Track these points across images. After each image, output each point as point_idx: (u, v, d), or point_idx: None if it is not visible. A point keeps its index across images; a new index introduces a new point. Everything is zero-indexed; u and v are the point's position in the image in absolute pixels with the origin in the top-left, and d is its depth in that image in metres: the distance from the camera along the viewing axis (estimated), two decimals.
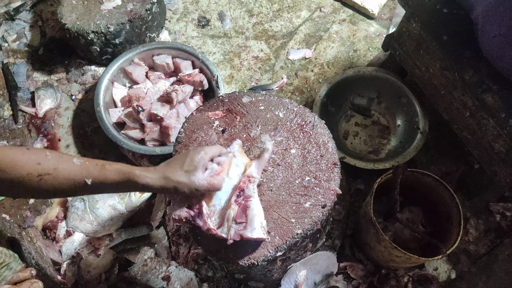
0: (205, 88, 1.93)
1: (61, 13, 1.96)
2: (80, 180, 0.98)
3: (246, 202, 1.12)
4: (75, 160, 1.00)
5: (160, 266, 1.59)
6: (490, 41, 1.33)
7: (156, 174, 1.04)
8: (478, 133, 1.50)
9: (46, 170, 0.95)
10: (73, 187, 0.99)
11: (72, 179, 0.98)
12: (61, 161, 0.98)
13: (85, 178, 0.98)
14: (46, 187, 0.96)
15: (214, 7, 2.33)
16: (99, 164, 1.01)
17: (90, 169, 1.00)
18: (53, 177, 0.96)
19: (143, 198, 1.72)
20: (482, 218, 1.74)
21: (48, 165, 0.96)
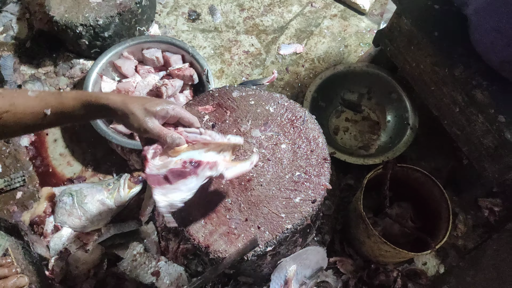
0: (195, 82, 1.92)
1: (49, 5, 1.93)
2: (39, 111, 0.97)
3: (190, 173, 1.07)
4: (30, 92, 0.97)
5: (149, 261, 1.58)
6: (483, 36, 1.34)
7: (118, 97, 1.02)
8: (467, 128, 1.51)
9: (3, 108, 0.93)
10: (34, 120, 0.97)
11: (30, 112, 0.96)
12: (16, 96, 0.95)
13: (43, 109, 0.97)
14: (7, 125, 0.95)
15: (204, 1, 2.31)
16: (55, 93, 0.99)
17: (47, 98, 0.98)
18: (12, 113, 0.94)
19: (132, 193, 1.70)
20: (471, 213, 1.76)
21: (4, 103, 0.93)
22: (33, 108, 0.96)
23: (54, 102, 0.98)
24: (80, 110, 1.01)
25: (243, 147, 1.30)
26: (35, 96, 0.97)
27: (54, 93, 0.99)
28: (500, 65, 1.34)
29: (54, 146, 1.91)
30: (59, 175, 1.84)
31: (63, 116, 1.00)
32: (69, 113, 1.00)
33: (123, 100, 1.02)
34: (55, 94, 0.99)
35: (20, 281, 1.13)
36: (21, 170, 1.83)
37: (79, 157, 1.89)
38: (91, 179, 1.83)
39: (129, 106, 1.01)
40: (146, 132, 1.04)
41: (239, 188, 1.24)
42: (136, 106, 1.02)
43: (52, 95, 0.99)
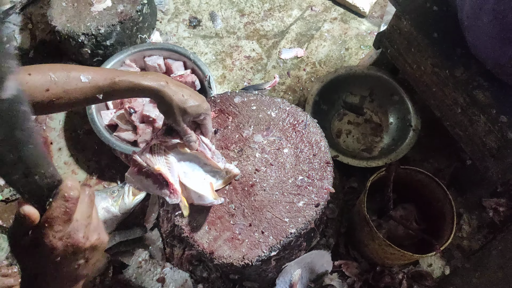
0: (197, 88, 1.93)
1: (51, 15, 1.95)
2: (91, 96, 1.00)
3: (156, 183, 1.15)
4: (82, 77, 0.98)
5: (154, 268, 1.59)
6: (475, 39, 1.34)
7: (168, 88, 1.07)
8: (469, 129, 1.51)
9: (56, 95, 0.94)
10: (85, 102, 1.01)
11: (83, 97, 0.99)
12: (68, 82, 0.96)
13: (96, 94, 1.00)
14: (57, 107, 0.97)
15: (205, 7, 2.32)
16: (107, 78, 1.01)
17: (100, 84, 1.00)
18: (65, 99, 0.96)
19: (137, 200, 1.71)
20: (475, 213, 1.76)
21: (57, 90, 0.94)
22: (86, 94, 0.99)
23: (107, 89, 1.01)
24: (129, 94, 1.05)
25: (245, 152, 1.30)
26: (88, 82, 0.98)
27: (106, 78, 1.01)
28: (495, 68, 1.34)
29: (59, 155, 1.92)
30: None
31: (112, 97, 1.05)
32: (117, 95, 1.05)
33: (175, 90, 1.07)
34: (107, 80, 1.01)
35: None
36: None
37: (84, 165, 1.90)
38: (96, 187, 1.84)
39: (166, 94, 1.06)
40: (177, 125, 1.12)
41: (242, 194, 1.24)
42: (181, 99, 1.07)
43: (105, 81, 1.00)
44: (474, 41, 1.35)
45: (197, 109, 1.11)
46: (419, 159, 1.86)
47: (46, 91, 0.92)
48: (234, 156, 1.30)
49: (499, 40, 1.24)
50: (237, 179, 1.26)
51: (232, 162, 1.29)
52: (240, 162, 1.29)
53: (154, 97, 1.07)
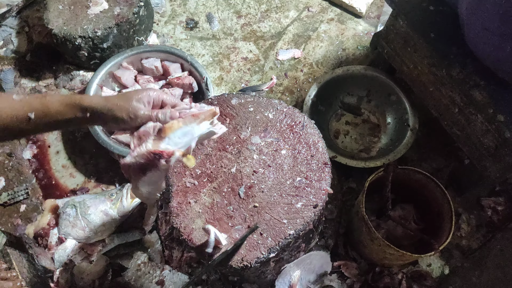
0: (194, 90, 1.93)
1: (48, 18, 1.95)
2: (23, 115, 0.96)
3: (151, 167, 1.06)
4: (14, 96, 0.96)
5: (153, 270, 1.58)
6: (475, 36, 1.34)
7: (100, 98, 1.03)
8: (467, 129, 1.51)
9: None
10: (18, 124, 0.96)
11: (15, 115, 0.95)
12: (0, 100, 0.95)
13: (27, 112, 0.96)
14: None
15: (202, 9, 2.32)
16: (40, 96, 0.99)
17: (32, 102, 0.97)
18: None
19: (135, 203, 1.71)
20: (474, 213, 1.76)
21: None
22: (17, 111, 0.95)
23: (39, 105, 0.97)
24: (66, 113, 1.00)
25: (243, 154, 1.30)
26: (19, 99, 0.96)
27: (38, 96, 0.98)
28: (494, 65, 1.34)
29: (57, 158, 1.92)
30: (62, 187, 1.85)
31: (49, 120, 0.99)
32: (54, 116, 0.99)
33: (106, 97, 1.03)
34: (39, 98, 0.98)
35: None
36: (24, 183, 1.84)
37: (82, 169, 1.89)
38: (94, 190, 1.84)
39: (112, 101, 1.01)
40: (136, 117, 1.03)
41: (240, 195, 1.24)
42: (120, 98, 1.03)
43: (37, 99, 0.98)
44: (473, 36, 1.35)
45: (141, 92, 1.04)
46: (417, 159, 1.86)
47: None
48: (231, 158, 1.30)
49: (498, 35, 1.24)
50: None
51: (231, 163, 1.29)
52: (238, 163, 1.29)
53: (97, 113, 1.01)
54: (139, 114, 1.03)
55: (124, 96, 1.04)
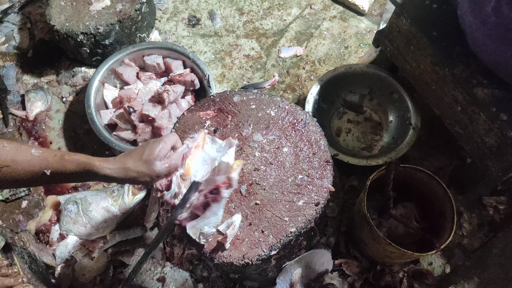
0: (196, 87, 1.93)
1: (50, 14, 1.95)
2: (38, 171, 0.98)
3: (212, 201, 1.13)
4: (33, 151, 0.99)
5: (155, 267, 1.58)
6: (475, 38, 1.34)
7: (116, 164, 1.04)
8: (469, 127, 1.50)
9: (4, 163, 0.95)
10: (32, 178, 0.99)
11: (31, 170, 0.97)
12: (19, 152, 0.97)
13: (44, 169, 0.98)
14: (4, 179, 0.96)
15: (204, 6, 2.32)
16: (57, 154, 1.01)
17: (49, 159, 0.99)
18: (12, 169, 0.96)
19: (136, 199, 1.71)
20: (476, 212, 1.75)
21: (6, 157, 0.95)
22: (33, 167, 0.98)
23: (56, 165, 1.00)
24: (81, 176, 1.04)
25: (245, 151, 1.30)
26: (38, 155, 0.99)
27: (57, 155, 1.01)
28: (495, 67, 1.33)
29: None
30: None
31: (62, 178, 1.03)
32: (68, 176, 1.02)
33: (124, 165, 1.05)
34: (57, 157, 1.00)
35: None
36: None
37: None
38: (96, 187, 1.84)
39: (132, 169, 1.05)
40: (159, 177, 1.10)
41: (242, 193, 1.24)
42: (138, 164, 1.06)
43: (55, 157, 1.00)
44: (474, 39, 1.35)
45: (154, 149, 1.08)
46: (419, 157, 1.85)
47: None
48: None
49: (499, 39, 1.23)
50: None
51: None
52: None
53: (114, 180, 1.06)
54: (160, 173, 1.09)
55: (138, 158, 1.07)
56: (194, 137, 1.21)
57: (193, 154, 1.18)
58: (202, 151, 1.21)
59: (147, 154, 1.07)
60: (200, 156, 1.21)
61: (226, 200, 1.14)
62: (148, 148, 1.08)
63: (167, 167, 1.09)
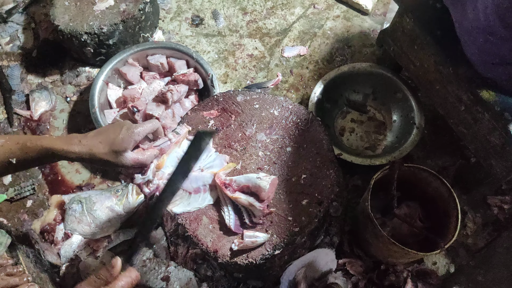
0: (200, 87, 1.93)
1: (54, 14, 1.96)
2: (4, 160, 1.00)
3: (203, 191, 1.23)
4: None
5: (159, 266, 1.59)
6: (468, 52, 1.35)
7: (83, 148, 1.05)
8: (473, 127, 1.50)
9: None
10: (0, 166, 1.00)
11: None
12: None
13: (9, 158, 1.00)
14: None
15: (207, 5, 2.32)
16: (20, 142, 1.01)
17: (12, 148, 1.00)
18: None
19: (141, 199, 1.71)
20: (480, 211, 1.75)
21: None
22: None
23: (20, 153, 1.01)
24: (46, 160, 1.05)
25: (248, 150, 1.30)
26: (1, 145, 0.99)
27: (19, 143, 1.01)
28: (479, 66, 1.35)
29: None
30: (68, 183, 1.86)
31: (28, 164, 1.04)
32: (34, 161, 1.03)
33: (90, 152, 1.05)
34: (20, 145, 1.01)
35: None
36: (30, 179, 1.85)
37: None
38: (100, 186, 1.85)
39: (96, 158, 1.05)
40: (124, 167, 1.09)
41: None
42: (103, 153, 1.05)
43: (17, 145, 1.01)
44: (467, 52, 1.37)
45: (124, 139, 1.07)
46: (423, 157, 1.85)
47: None
48: (237, 154, 1.30)
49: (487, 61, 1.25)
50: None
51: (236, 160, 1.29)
52: (243, 160, 1.29)
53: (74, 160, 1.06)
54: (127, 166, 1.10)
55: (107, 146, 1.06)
56: (178, 132, 1.24)
57: (171, 149, 1.21)
58: (179, 147, 1.24)
59: (117, 143, 1.05)
60: (176, 152, 1.23)
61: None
62: (120, 137, 1.06)
63: (135, 161, 1.08)
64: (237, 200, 1.17)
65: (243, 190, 1.18)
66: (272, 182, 1.16)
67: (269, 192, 1.15)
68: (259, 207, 1.14)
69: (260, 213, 1.15)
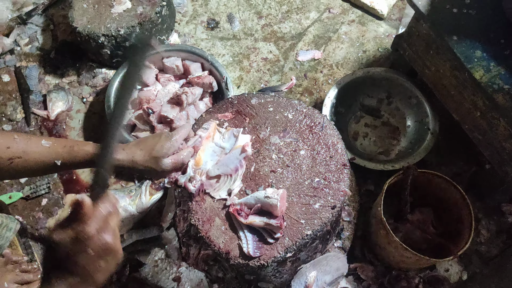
0: (214, 90, 1.94)
1: (72, 16, 1.99)
2: (50, 161, 1.01)
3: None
4: (43, 142, 1.02)
5: (170, 267, 1.60)
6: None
7: (125, 156, 1.07)
8: (489, 133, 1.49)
9: (16, 154, 0.98)
10: (43, 168, 1.02)
11: (42, 161, 1.01)
12: (30, 144, 1.00)
13: (54, 160, 1.01)
14: (17, 169, 0.99)
15: (223, 9, 2.34)
16: (67, 145, 1.04)
17: (59, 151, 1.02)
18: (24, 160, 0.98)
19: (154, 199, 1.73)
20: (494, 219, 1.73)
21: (18, 148, 0.98)
22: (45, 157, 1.01)
23: (66, 155, 1.03)
24: (89, 164, 1.07)
25: (262, 153, 1.31)
26: (48, 146, 1.02)
27: (66, 146, 1.04)
28: None
29: None
30: (82, 182, 1.88)
31: (72, 166, 1.06)
32: (78, 164, 1.06)
33: (132, 158, 1.08)
34: (67, 148, 1.03)
35: None
36: (46, 178, 1.88)
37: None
38: (114, 186, 1.87)
39: (140, 163, 1.08)
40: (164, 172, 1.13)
41: None
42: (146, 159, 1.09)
43: (64, 148, 1.03)
44: None
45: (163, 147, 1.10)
46: (437, 162, 1.84)
47: (7, 148, 0.97)
48: (250, 157, 1.31)
49: None
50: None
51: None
52: (257, 163, 1.30)
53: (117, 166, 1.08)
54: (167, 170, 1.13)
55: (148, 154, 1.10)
56: (206, 128, 1.28)
57: (204, 145, 1.24)
58: (212, 142, 1.27)
59: (157, 150, 1.09)
60: (210, 147, 1.27)
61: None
62: (159, 144, 1.10)
63: (174, 163, 1.12)
64: (252, 224, 1.18)
65: (255, 211, 1.19)
66: (281, 196, 1.16)
67: (281, 207, 1.16)
68: (276, 224, 1.15)
69: (278, 228, 1.16)
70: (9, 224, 1.24)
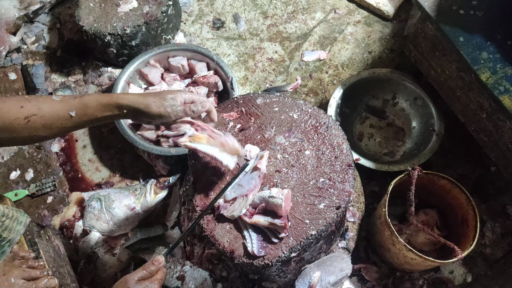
0: (219, 89, 1.95)
1: (79, 15, 2.00)
2: (65, 114, 1.04)
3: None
4: (54, 97, 1.05)
5: (174, 265, 1.60)
6: None
7: (136, 96, 1.11)
8: (495, 135, 1.48)
9: (31, 111, 1.00)
10: (60, 122, 1.04)
11: (57, 114, 1.03)
12: (41, 101, 1.03)
13: (68, 111, 1.04)
14: (34, 127, 1.01)
15: (229, 9, 2.34)
16: (77, 96, 1.07)
17: (71, 102, 1.05)
18: (39, 116, 1.01)
19: (158, 198, 1.73)
20: (499, 221, 1.72)
21: (31, 106, 1.00)
22: (59, 110, 1.03)
23: (78, 105, 1.05)
24: (104, 111, 1.08)
25: None
26: (60, 100, 1.05)
27: (77, 96, 1.07)
28: None
29: (83, 152, 1.96)
30: (88, 180, 1.89)
31: (88, 118, 1.08)
32: (92, 114, 1.07)
33: (142, 95, 1.13)
34: (78, 97, 1.07)
35: (50, 282, 1.17)
36: (51, 176, 1.89)
37: (107, 163, 1.93)
38: (119, 185, 1.87)
39: (149, 98, 1.11)
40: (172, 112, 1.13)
41: None
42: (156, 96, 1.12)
43: (75, 99, 1.06)
44: None
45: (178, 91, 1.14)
46: (442, 164, 1.83)
47: (21, 108, 0.99)
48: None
49: None
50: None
51: None
52: (267, 167, 1.30)
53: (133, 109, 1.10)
54: (174, 110, 1.13)
55: (159, 94, 1.13)
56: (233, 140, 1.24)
57: (215, 133, 1.20)
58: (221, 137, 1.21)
59: (165, 92, 1.14)
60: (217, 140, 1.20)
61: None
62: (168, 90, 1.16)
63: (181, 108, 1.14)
64: (256, 224, 1.18)
65: (259, 211, 1.19)
66: (286, 196, 1.16)
67: (286, 207, 1.16)
68: (280, 224, 1.15)
69: (283, 228, 1.16)
70: (19, 218, 1.25)
